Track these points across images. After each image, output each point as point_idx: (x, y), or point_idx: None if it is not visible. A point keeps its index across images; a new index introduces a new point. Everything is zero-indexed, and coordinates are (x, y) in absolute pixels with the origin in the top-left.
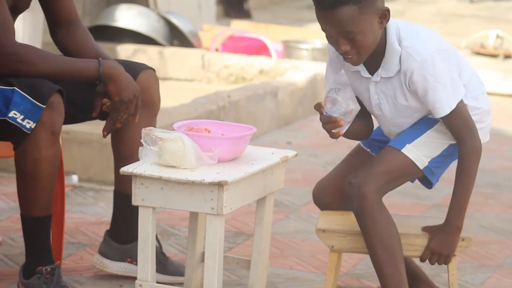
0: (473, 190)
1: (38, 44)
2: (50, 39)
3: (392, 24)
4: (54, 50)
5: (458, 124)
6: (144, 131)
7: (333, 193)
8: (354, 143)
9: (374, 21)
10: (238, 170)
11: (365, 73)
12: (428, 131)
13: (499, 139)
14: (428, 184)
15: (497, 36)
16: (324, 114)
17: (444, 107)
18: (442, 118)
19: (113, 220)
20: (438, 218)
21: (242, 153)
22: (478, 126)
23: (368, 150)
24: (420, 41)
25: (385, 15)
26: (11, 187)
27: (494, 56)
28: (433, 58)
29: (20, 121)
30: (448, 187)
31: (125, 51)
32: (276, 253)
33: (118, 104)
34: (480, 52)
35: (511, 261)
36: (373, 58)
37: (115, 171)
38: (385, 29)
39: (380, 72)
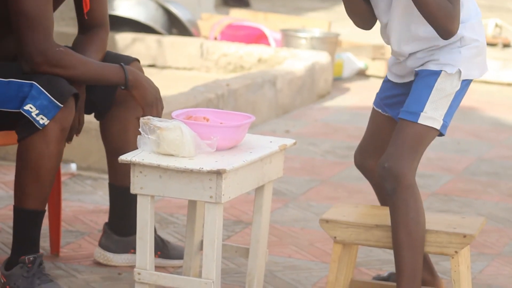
0: (472, 179)
1: None
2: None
3: None
4: (56, 38)
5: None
6: (142, 120)
7: (371, 155)
8: (353, 132)
9: None
10: (236, 159)
11: None
12: (432, 91)
13: (498, 128)
14: (440, 134)
15: (496, 25)
16: None
17: None
18: None
19: (111, 213)
20: (451, 211)
21: (241, 142)
22: (477, 59)
23: (379, 110)
24: None
25: None
26: (10, 175)
27: (493, 45)
28: None
29: (35, 116)
30: (447, 176)
31: (124, 39)
32: (275, 242)
33: (143, 107)
34: None
35: (510, 249)
36: None
37: (108, 165)
38: None
39: None
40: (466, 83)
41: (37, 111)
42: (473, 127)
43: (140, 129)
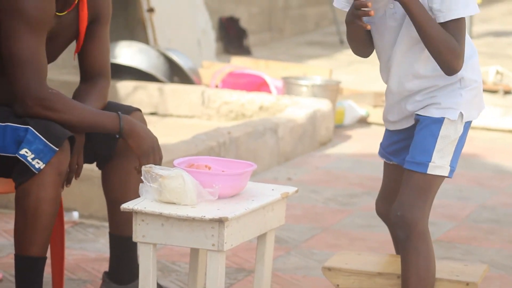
0: (474, 226)
1: None
2: (50, 76)
3: None
4: (54, 87)
5: (456, 33)
6: (144, 168)
7: (390, 202)
8: (354, 180)
9: None
10: (238, 207)
11: None
12: (438, 140)
13: (500, 175)
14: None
15: (497, 72)
16: None
17: (459, 10)
18: (443, 23)
19: (111, 262)
20: (453, 259)
21: (243, 190)
22: (476, 100)
23: (384, 159)
24: None
25: None
26: (13, 224)
27: (494, 92)
28: None
29: (30, 160)
30: (449, 223)
31: (125, 88)
32: None
33: (139, 156)
34: None
35: None
36: None
37: (109, 215)
38: None
39: None
40: (467, 124)
41: (33, 155)
42: (475, 174)
43: (142, 177)
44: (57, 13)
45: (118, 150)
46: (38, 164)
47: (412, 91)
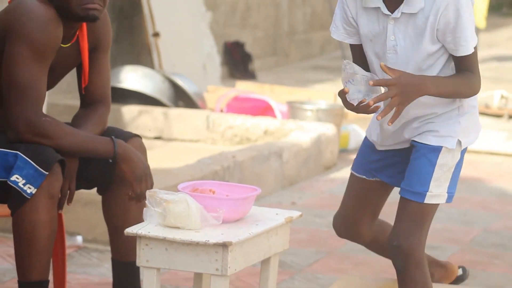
0: (479, 250)
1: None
2: (55, 101)
3: None
4: (58, 112)
5: (469, 64)
6: (148, 192)
7: (354, 228)
8: None
9: None
10: (242, 231)
11: (385, 10)
12: (435, 169)
13: (504, 199)
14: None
15: (502, 97)
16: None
17: (468, 46)
18: (458, 57)
19: (115, 287)
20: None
21: (247, 214)
22: (473, 125)
23: (364, 176)
24: None
25: None
26: None
27: (498, 116)
28: None
29: (22, 186)
30: (453, 247)
31: (130, 112)
32: None
33: (132, 182)
34: (485, 113)
35: None
36: None
37: (110, 241)
38: None
39: (402, 7)
40: (464, 149)
41: (24, 181)
42: (479, 198)
43: (146, 202)
44: (62, 45)
45: (117, 176)
46: (30, 189)
47: (410, 118)
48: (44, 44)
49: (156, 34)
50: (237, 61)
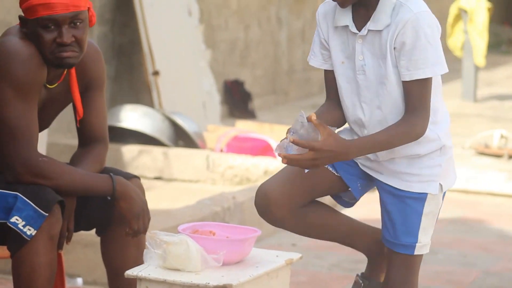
0: None
1: (43, 144)
2: (55, 140)
3: None
4: (57, 151)
5: (421, 95)
6: (149, 234)
7: (287, 206)
8: None
9: None
10: (243, 273)
11: (353, 28)
12: (423, 219)
13: (505, 240)
14: None
15: (502, 136)
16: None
17: (425, 70)
18: (408, 82)
19: None
20: None
21: (247, 256)
22: (451, 167)
23: (330, 169)
24: (420, 1)
25: None
26: None
27: (498, 156)
28: (429, 16)
29: (21, 227)
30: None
31: (130, 152)
32: None
33: (130, 218)
34: (485, 152)
35: None
36: (365, 12)
37: (109, 283)
38: None
39: (369, 25)
40: (445, 193)
41: (24, 222)
42: (479, 239)
43: (146, 243)
44: (48, 86)
45: (115, 218)
46: (30, 231)
47: (387, 159)
48: (26, 82)
49: (155, 73)
50: (236, 100)
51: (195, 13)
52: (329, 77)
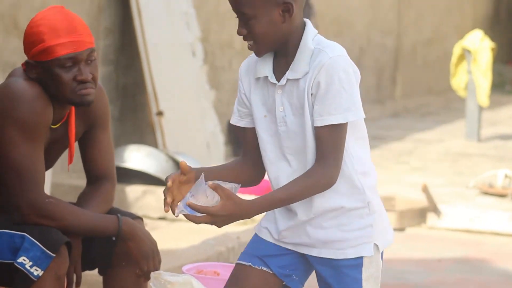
0: None
1: (47, 184)
2: (59, 180)
3: (312, 30)
4: (62, 192)
5: (332, 143)
6: (153, 274)
7: None
8: None
9: (273, 11)
10: None
11: (272, 78)
12: (363, 285)
13: (508, 280)
14: None
15: (506, 176)
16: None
17: (337, 116)
18: (320, 127)
19: None
20: None
21: None
22: (385, 224)
23: (250, 263)
24: (337, 47)
25: (288, 8)
26: None
27: (502, 196)
28: (345, 61)
29: (29, 268)
30: None
31: (134, 192)
32: None
33: (139, 259)
34: (489, 192)
35: None
36: (285, 61)
37: None
38: (303, 32)
39: (288, 74)
40: (383, 252)
41: (31, 263)
42: (483, 279)
43: (151, 283)
44: (52, 126)
45: (117, 258)
46: (37, 271)
47: (308, 216)
48: (33, 123)
49: (159, 113)
50: (240, 140)
51: (199, 54)
52: (247, 135)
